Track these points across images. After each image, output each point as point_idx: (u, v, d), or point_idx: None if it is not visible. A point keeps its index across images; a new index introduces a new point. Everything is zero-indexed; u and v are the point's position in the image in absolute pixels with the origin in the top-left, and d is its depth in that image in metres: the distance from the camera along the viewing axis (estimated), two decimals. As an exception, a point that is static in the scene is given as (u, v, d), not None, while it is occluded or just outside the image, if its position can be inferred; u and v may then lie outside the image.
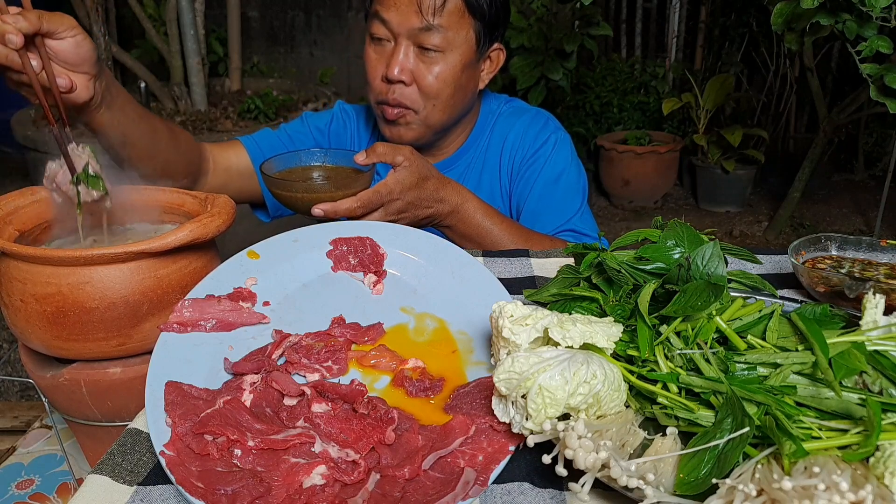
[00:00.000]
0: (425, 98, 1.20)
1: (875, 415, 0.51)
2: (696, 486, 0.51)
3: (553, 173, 1.30)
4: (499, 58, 1.30)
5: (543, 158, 1.31)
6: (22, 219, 0.84)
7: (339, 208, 0.98)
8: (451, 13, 1.15)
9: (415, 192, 1.05)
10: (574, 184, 1.31)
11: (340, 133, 1.42)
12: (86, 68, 0.88)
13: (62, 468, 1.05)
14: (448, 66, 1.18)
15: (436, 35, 1.15)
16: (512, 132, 1.34)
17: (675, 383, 0.61)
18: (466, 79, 1.23)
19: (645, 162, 4.08)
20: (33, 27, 0.79)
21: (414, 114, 1.22)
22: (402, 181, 1.04)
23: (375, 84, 1.22)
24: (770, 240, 3.76)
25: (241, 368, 0.70)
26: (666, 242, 0.78)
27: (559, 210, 1.28)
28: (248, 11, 4.62)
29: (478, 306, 0.79)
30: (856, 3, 1.96)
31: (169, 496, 0.57)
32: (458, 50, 1.19)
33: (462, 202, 1.12)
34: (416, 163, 1.06)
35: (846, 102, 3.39)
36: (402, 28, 1.16)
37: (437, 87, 1.19)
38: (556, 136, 1.33)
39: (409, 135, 1.25)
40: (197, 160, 1.21)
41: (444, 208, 1.11)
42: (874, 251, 0.90)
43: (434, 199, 1.09)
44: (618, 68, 4.49)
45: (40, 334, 0.77)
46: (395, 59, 1.17)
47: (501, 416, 0.60)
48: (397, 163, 1.04)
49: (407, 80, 1.19)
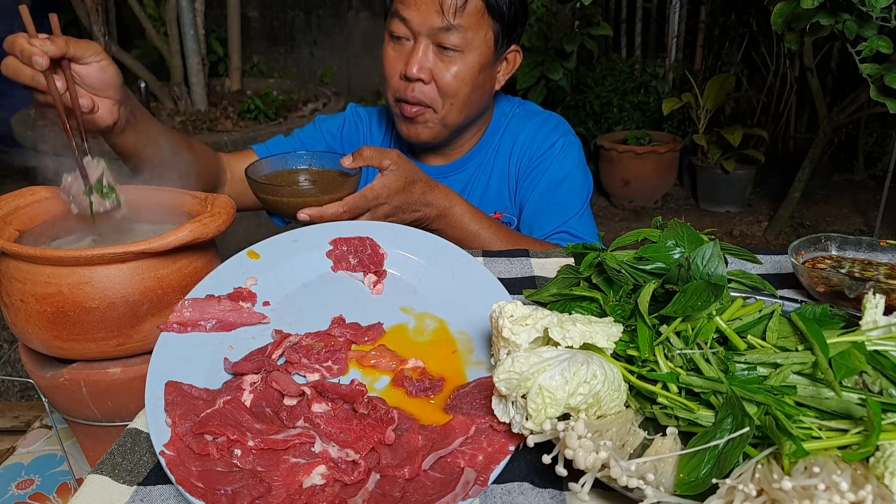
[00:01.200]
0: (443, 96, 1.21)
1: (875, 415, 0.51)
2: (696, 486, 0.51)
3: (558, 176, 1.31)
4: (515, 59, 1.31)
5: (550, 160, 1.31)
6: (22, 219, 0.84)
7: (325, 213, 0.98)
8: (472, 13, 1.17)
9: (402, 196, 1.05)
10: (578, 188, 1.32)
11: (353, 136, 1.43)
12: (110, 93, 0.92)
13: (62, 468, 1.05)
14: (466, 66, 1.20)
15: (456, 35, 1.17)
16: (522, 134, 1.35)
17: (675, 383, 0.61)
18: (483, 79, 1.25)
19: (645, 162, 4.08)
20: (60, 51, 0.83)
21: (432, 112, 1.23)
22: (388, 185, 1.03)
23: (394, 82, 1.23)
24: (770, 240, 3.76)
25: (241, 368, 0.70)
26: (666, 242, 0.78)
27: (558, 211, 1.29)
28: (248, 11, 4.62)
29: (478, 306, 0.79)
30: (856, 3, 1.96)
31: (169, 496, 0.57)
32: (476, 50, 1.20)
33: (450, 206, 1.12)
34: (403, 166, 1.05)
35: (846, 102, 3.39)
36: (423, 27, 1.17)
37: (455, 85, 1.20)
38: (565, 140, 1.34)
39: (425, 133, 1.26)
40: (215, 171, 1.23)
41: (432, 212, 1.11)
42: (874, 251, 0.90)
43: (421, 203, 1.08)
44: (618, 68, 4.48)
45: (40, 334, 0.77)
46: (414, 58, 1.18)
47: (501, 416, 0.60)
48: (384, 166, 1.04)
49: (426, 79, 1.20)
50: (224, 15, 3.78)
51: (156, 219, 0.94)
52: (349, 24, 4.84)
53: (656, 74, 4.53)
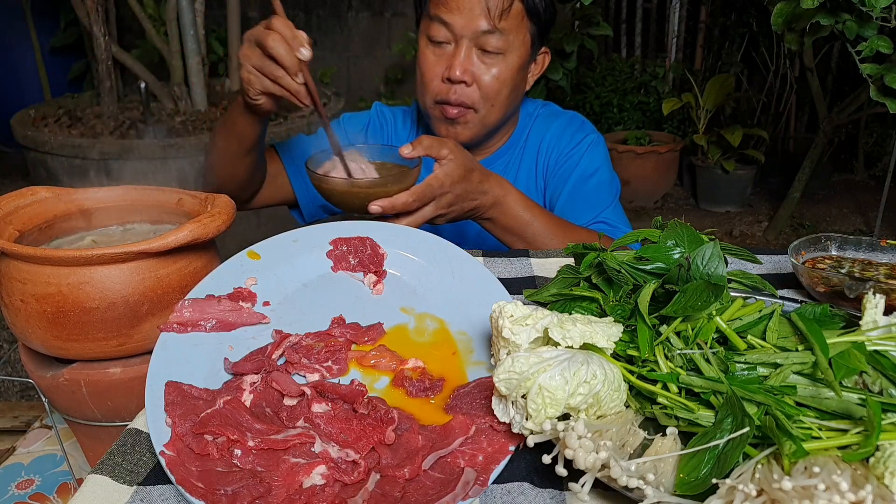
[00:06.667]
0: (485, 98, 1.23)
1: (875, 415, 0.51)
2: (696, 486, 0.51)
3: (587, 170, 1.33)
4: (544, 60, 1.33)
5: (578, 155, 1.34)
6: (22, 219, 0.84)
7: (396, 203, 0.99)
8: (514, 17, 1.19)
9: (463, 185, 1.06)
10: (606, 183, 1.34)
11: (377, 135, 1.44)
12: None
13: (62, 468, 1.05)
14: (507, 68, 1.22)
15: (498, 38, 1.18)
16: (548, 133, 1.38)
17: (675, 383, 0.61)
18: (520, 80, 1.27)
19: (645, 162, 4.08)
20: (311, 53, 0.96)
21: (474, 113, 1.25)
22: (450, 174, 1.04)
23: (434, 85, 1.24)
24: (770, 240, 3.76)
25: (241, 368, 0.70)
26: (666, 242, 0.78)
27: (591, 204, 1.30)
28: (248, 11, 4.61)
29: (478, 306, 0.79)
30: (856, 3, 1.96)
31: (169, 496, 0.57)
32: (516, 52, 1.22)
33: (504, 194, 1.13)
34: (460, 155, 1.06)
35: (846, 102, 3.38)
36: (467, 31, 1.18)
37: (497, 87, 1.22)
38: (592, 137, 1.37)
39: (465, 133, 1.28)
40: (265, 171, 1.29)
41: (488, 200, 1.11)
42: (874, 251, 0.90)
43: (479, 192, 1.09)
44: (618, 68, 4.49)
45: (40, 334, 0.77)
46: (457, 60, 1.20)
47: (501, 416, 0.60)
48: (442, 156, 1.04)
49: (468, 81, 1.21)
50: (224, 15, 3.78)
51: (156, 219, 0.94)
52: (349, 24, 4.84)
53: (656, 74, 4.53)
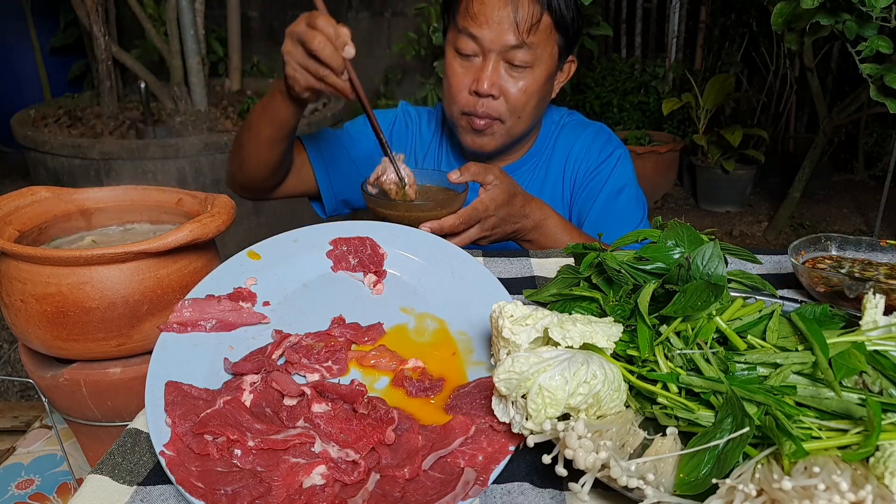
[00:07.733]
0: (511, 110, 1.24)
1: (875, 415, 0.51)
2: (696, 486, 0.51)
3: (617, 185, 1.34)
4: (570, 69, 1.34)
5: (608, 171, 1.35)
6: (22, 219, 0.84)
7: (444, 225, 1.03)
8: (542, 31, 1.19)
9: (506, 209, 1.10)
10: (634, 198, 1.36)
11: (402, 134, 1.45)
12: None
13: (62, 468, 1.05)
14: (534, 80, 1.23)
15: (526, 52, 1.19)
16: (577, 144, 1.39)
17: (675, 383, 0.61)
18: (546, 91, 1.28)
19: (645, 162, 4.08)
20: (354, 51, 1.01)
21: (500, 124, 1.26)
22: (495, 198, 1.08)
23: (461, 97, 1.25)
24: (770, 240, 3.76)
25: (241, 368, 0.70)
26: (666, 242, 0.78)
27: (622, 220, 1.32)
28: (248, 11, 4.62)
29: (478, 306, 0.79)
30: (856, 3, 1.96)
31: (169, 496, 0.57)
32: (543, 65, 1.23)
33: (544, 218, 1.17)
34: (505, 181, 1.10)
35: (846, 102, 3.39)
36: (495, 45, 1.19)
37: (524, 100, 1.24)
38: (620, 152, 1.39)
39: (491, 144, 1.29)
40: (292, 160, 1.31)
41: (529, 223, 1.15)
42: (874, 251, 0.90)
43: (521, 216, 1.13)
44: (618, 68, 4.48)
45: (40, 334, 0.77)
46: (484, 74, 1.21)
47: (501, 416, 0.60)
48: (488, 181, 1.09)
49: (496, 94, 1.22)
50: (224, 15, 3.78)
51: (156, 219, 0.94)
52: (349, 24, 4.81)
53: (656, 74, 4.53)
